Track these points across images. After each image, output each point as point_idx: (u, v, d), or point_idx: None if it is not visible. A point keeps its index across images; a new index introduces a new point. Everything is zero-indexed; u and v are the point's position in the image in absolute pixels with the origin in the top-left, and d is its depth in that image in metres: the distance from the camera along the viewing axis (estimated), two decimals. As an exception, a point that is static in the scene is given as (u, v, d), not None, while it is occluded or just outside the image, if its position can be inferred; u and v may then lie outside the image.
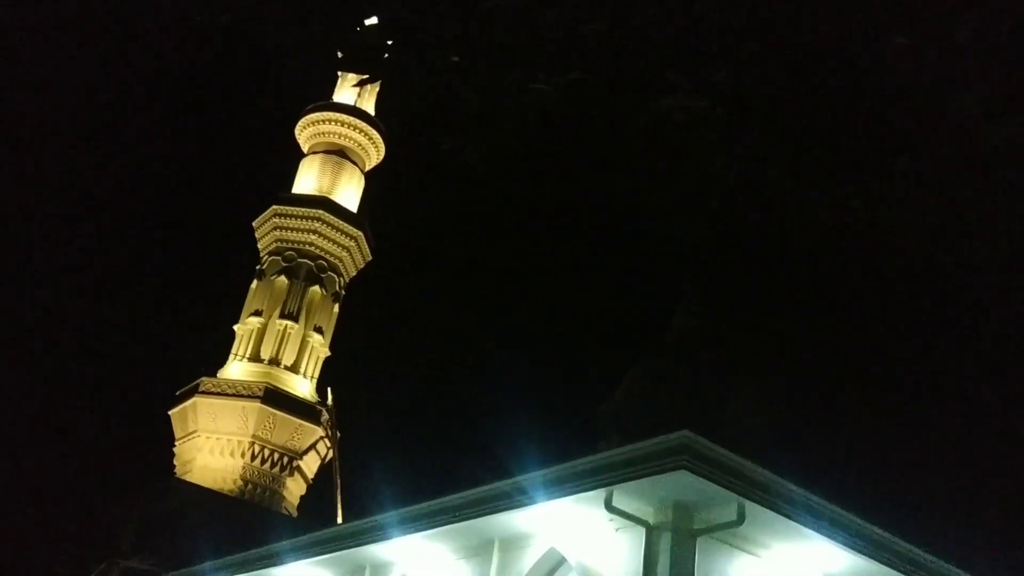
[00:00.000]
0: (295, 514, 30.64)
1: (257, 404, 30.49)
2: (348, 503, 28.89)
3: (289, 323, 33.27)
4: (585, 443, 13.01)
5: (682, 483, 9.67)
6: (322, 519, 26.21)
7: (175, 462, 31.85)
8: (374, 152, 38.18)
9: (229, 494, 28.79)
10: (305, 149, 37.91)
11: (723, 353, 14.24)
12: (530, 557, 11.88)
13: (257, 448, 30.59)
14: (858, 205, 4.95)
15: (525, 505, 11.22)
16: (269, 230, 35.53)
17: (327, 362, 34.84)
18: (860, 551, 11.12)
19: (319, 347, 34.27)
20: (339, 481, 28.71)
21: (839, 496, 11.01)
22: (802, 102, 4.87)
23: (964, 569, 12.36)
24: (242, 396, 30.85)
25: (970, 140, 4.57)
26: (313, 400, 32.73)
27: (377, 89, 37.54)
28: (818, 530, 10.58)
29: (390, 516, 13.66)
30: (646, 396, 12.65)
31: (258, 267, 35.24)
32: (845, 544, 10.92)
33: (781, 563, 11.06)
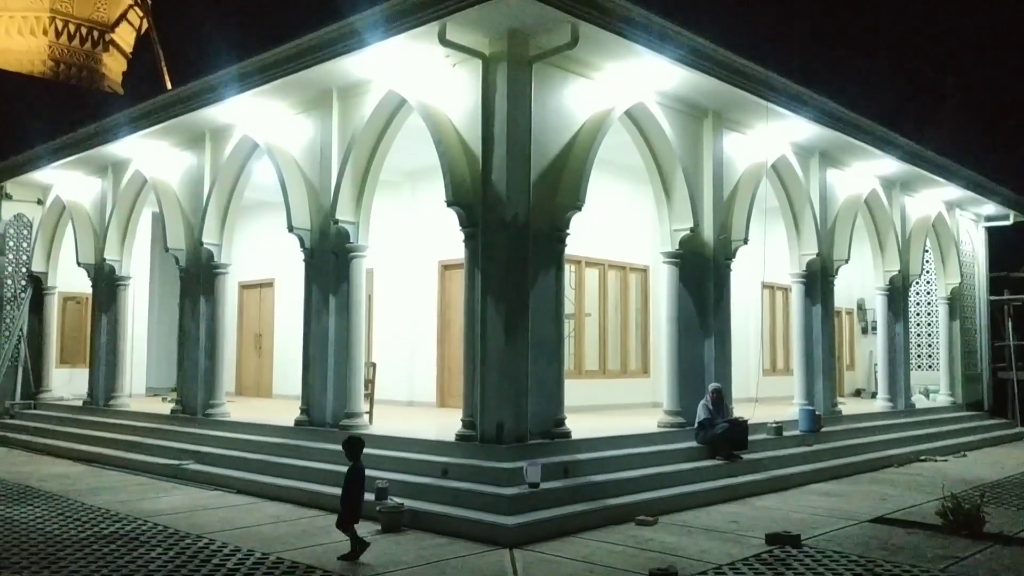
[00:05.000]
0: (120, 92, 28.99)
1: (43, -28, 27.14)
2: (178, 73, 27.42)
3: None
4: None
5: (514, 8, 9.30)
6: (151, 92, 25.02)
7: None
8: None
9: (41, 76, 26.68)
10: None
11: None
12: (370, 103, 11.75)
13: (60, 23, 27.77)
14: None
15: (359, 48, 10.79)
16: None
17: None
18: (692, 65, 11.36)
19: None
20: (160, 51, 26.85)
21: (677, 13, 10.87)
22: None
23: (790, 77, 13.13)
24: (24, -38, 27.23)
25: None
26: (110, -38, 29.27)
27: None
28: (650, 46, 10.65)
29: (221, 75, 13.02)
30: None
31: None
32: (677, 59, 11.10)
33: (615, 84, 11.31)
